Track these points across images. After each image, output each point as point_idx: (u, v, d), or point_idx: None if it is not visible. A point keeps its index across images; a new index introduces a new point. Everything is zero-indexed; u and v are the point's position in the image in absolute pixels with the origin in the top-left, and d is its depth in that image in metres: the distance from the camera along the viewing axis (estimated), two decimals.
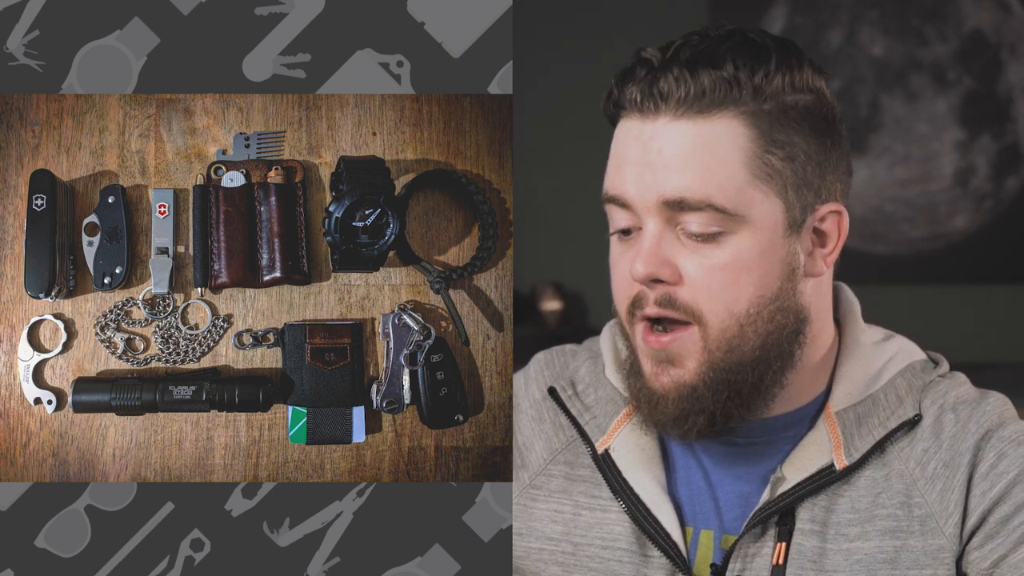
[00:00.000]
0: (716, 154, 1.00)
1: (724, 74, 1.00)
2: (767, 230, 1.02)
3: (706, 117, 1.01)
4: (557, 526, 1.12)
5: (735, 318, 1.02)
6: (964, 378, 1.13)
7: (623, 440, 1.13)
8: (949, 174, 3.24)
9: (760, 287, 1.02)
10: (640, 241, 1.03)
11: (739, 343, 1.03)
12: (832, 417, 1.08)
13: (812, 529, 1.06)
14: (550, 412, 1.18)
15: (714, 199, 1.00)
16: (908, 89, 3.23)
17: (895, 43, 3.22)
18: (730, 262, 1.01)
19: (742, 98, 1.01)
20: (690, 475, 1.11)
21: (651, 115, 1.02)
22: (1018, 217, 3.24)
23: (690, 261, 1.02)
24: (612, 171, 1.05)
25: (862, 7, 3.23)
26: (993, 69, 3.21)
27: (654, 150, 1.01)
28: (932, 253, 3.27)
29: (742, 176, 1.01)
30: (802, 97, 1.03)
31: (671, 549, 1.07)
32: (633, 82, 1.03)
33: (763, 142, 1.01)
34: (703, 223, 1.01)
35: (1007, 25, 3.20)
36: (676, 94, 1.01)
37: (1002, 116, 3.22)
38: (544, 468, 1.16)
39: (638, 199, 1.02)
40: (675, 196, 1.00)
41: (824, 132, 1.04)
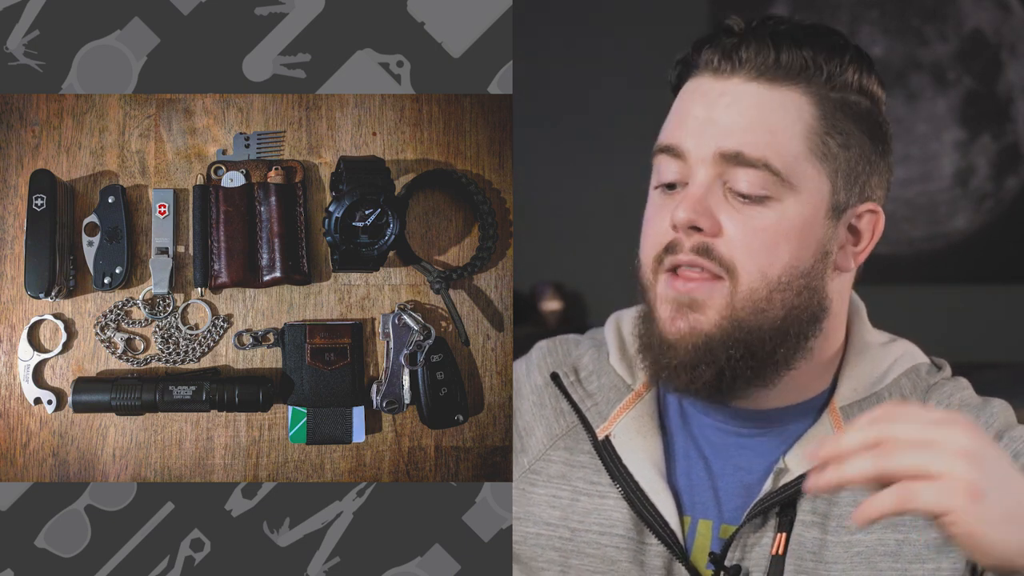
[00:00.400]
0: (781, 121, 1.03)
1: (804, 54, 1.04)
2: (812, 205, 1.04)
3: (778, 86, 1.04)
4: (555, 511, 1.13)
5: (767, 281, 1.03)
6: (966, 383, 1.14)
7: (624, 427, 1.13)
8: (949, 174, 3.24)
9: (795, 258, 1.04)
10: (685, 190, 1.05)
11: (765, 307, 1.04)
12: (837, 411, 1.09)
13: (813, 520, 1.06)
14: (551, 398, 1.18)
15: (771, 160, 1.02)
16: (908, 89, 3.23)
17: (895, 43, 3.22)
18: (772, 225, 1.03)
19: (814, 78, 1.04)
20: (690, 465, 1.11)
21: (725, 75, 1.05)
22: (1018, 217, 3.24)
23: (733, 219, 1.03)
24: (672, 123, 1.07)
25: (862, 7, 3.23)
26: (993, 69, 3.21)
27: (722, 105, 1.04)
28: (932, 253, 3.27)
29: (800, 148, 1.04)
30: (864, 100, 1.07)
31: (668, 537, 1.08)
32: (712, 46, 1.06)
33: (825, 123, 1.04)
34: (753, 183, 1.03)
35: (1007, 25, 3.20)
36: (755, 60, 1.04)
37: (1002, 116, 3.22)
38: (544, 453, 1.16)
39: (694, 149, 1.04)
40: (733, 149, 1.03)
41: (878, 137, 1.08)
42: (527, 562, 1.13)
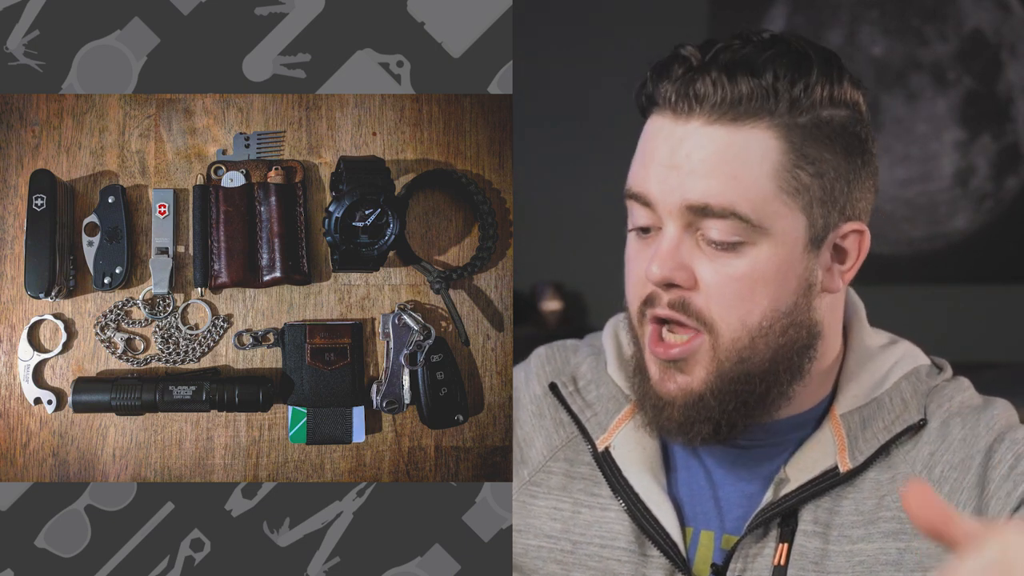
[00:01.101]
0: (745, 164, 0.99)
1: (763, 83, 0.99)
2: (788, 244, 1.01)
3: (739, 125, 0.99)
4: (556, 524, 1.12)
5: (747, 330, 1.01)
6: (968, 383, 1.13)
7: (624, 439, 1.12)
8: (949, 174, 3.24)
9: (775, 300, 1.01)
10: (658, 242, 1.02)
11: (749, 354, 1.02)
12: (837, 419, 1.08)
13: (815, 530, 1.05)
14: (551, 408, 1.17)
15: (738, 208, 0.99)
16: (908, 89, 3.23)
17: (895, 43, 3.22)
18: (747, 273, 1.00)
19: (778, 110, 0.99)
20: (691, 475, 1.11)
21: (684, 116, 1.00)
22: (1018, 217, 3.24)
23: (707, 268, 1.01)
24: (637, 167, 1.04)
25: (862, 7, 3.23)
26: (993, 69, 3.21)
27: (683, 153, 1.00)
28: (932, 253, 3.27)
29: (769, 188, 0.99)
30: (838, 112, 1.02)
31: (670, 549, 1.07)
32: (669, 79, 1.01)
33: (794, 156, 1.00)
34: (724, 231, 1.00)
35: (1007, 25, 3.20)
36: (712, 98, 0.99)
37: (1002, 116, 3.22)
38: (544, 465, 1.15)
39: (661, 200, 1.01)
40: (700, 201, 0.99)
41: (855, 150, 1.03)
42: (529, 574, 1.13)
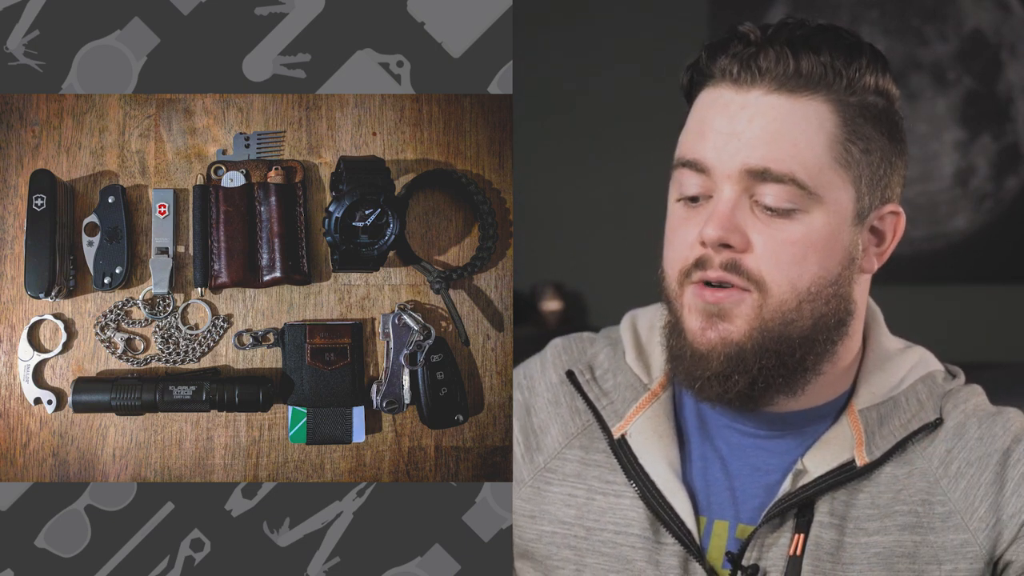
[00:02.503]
0: (804, 132, 1.03)
1: (823, 59, 1.04)
2: (838, 214, 1.05)
3: (799, 96, 1.04)
4: (570, 510, 1.13)
5: (796, 293, 1.04)
6: (980, 390, 1.16)
7: (640, 427, 1.13)
8: (949, 174, 3.24)
9: (823, 268, 1.04)
10: (713, 205, 1.04)
11: (795, 317, 1.04)
12: (855, 414, 1.10)
13: (831, 522, 1.07)
14: (567, 396, 1.18)
15: (797, 174, 1.03)
16: (908, 89, 3.23)
17: (895, 43, 3.22)
18: (800, 238, 1.03)
19: (834, 85, 1.04)
20: (707, 465, 1.12)
21: (745, 87, 1.04)
22: (1018, 217, 3.24)
23: (760, 233, 1.04)
24: (692, 136, 1.07)
25: (862, 7, 3.23)
26: (993, 69, 3.21)
27: (744, 119, 1.04)
28: (932, 253, 3.27)
29: (824, 158, 1.04)
30: (881, 101, 1.07)
31: (685, 537, 1.08)
32: (727, 54, 1.05)
33: (847, 130, 1.04)
34: (780, 197, 1.03)
35: (1007, 25, 3.20)
36: (774, 70, 1.04)
37: (1002, 116, 3.22)
38: (559, 452, 1.16)
39: (718, 165, 1.04)
40: (760, 165, 1.03)
41: (896, 137, 1.08)
42: (542, 560, 1.13)
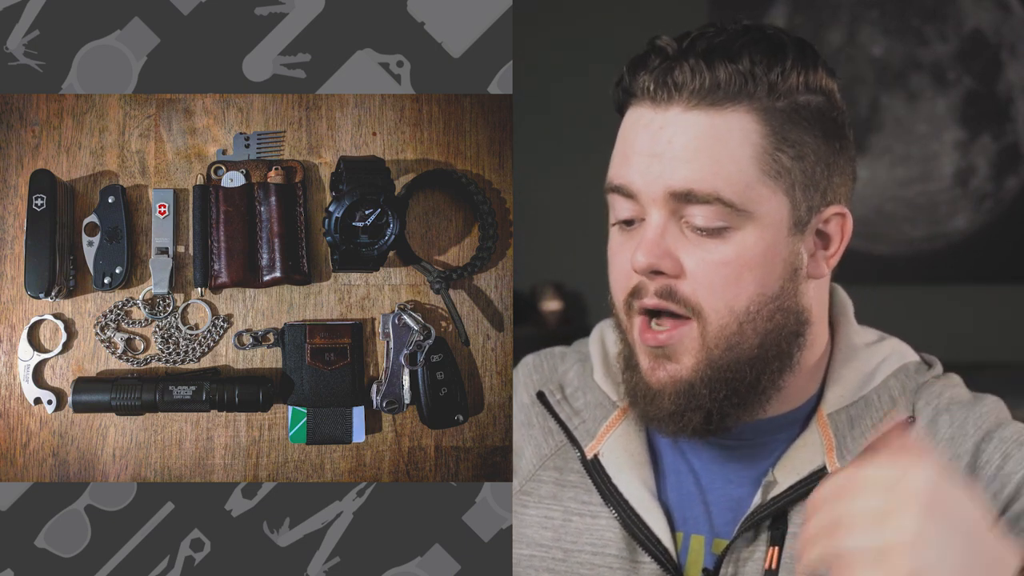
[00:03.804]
0: (727, 147, 0.99)
1: (740, 68, 0.99)
2: (772, 228, 1.01)
3: (719, 110, 0.99)
4: (547, 532, 1.12)
5: (735, 315, 1.01)
6: (958, 379, 1.13)
7: (612, 445, 1.11)
8: (949, 174, 3.24)
9: (762, 285, 1.01)
10: (643, 231, 1.02)
11: (738, 340, 1.01)
12: (824, 419, 1.07)
13: None
14: (539, 417, 1.17)
15: (722, 192, 0.99)
16: (908, 89, 3.23)
17: (895, 43, 3.22)
18: (733, 258, 1.00)
19: (756, 93, 0.99)
20: (680, 479, 1.10)
21: (663, 104, 1.01)
22: (1018, 217, 3.24)
23: (692, 255, 1.01)
24: (618, 160, 1.04)
25: (862, 7, 3.23)
26: (993, 69, 3.21)
27: (664, 140, 1.00)
28: (932, 253, 3.27)
29: (751, 171, 1.00)
30: (814, 98, 1.02)
31: (661, 555, 1.06)
32: (646, 70, 1.02)
33: (774, 139, 1.00)
34: (709, 217, 0.99)
35: (1007, 25, 3.20)
36: (691, 85, 0.99)
37: (1002, 116, 3.22)
38: (534, 474, 1.15)
39: (644, 189, 1.01)
40: (683, 187, 0.99)
41: (833, 135, 1.03)
42: None
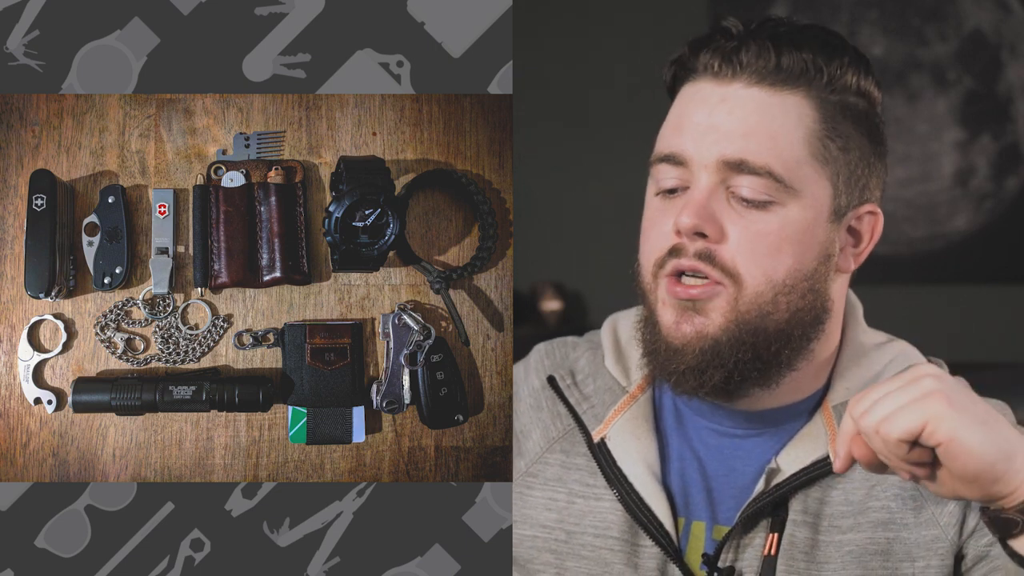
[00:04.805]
0: (783, 125, 1.04)
1: (804, 56, 1.04)
2: (814, 209, 1.05)
3: (778, 90, 1.04)
4: (551, 514, 1.13)
5: (771, 285, 1.04)
6: (965, 383, 1.13)
7: (620, 430, 1.13)
8: (949, 174, 3.24)
9: (798, 261, 1.04)
10: (688, 195, 1.05)
11: (770, 310, 1.04)
12: (829, 411, 1.10)
13: (805, 520, 1.06)
14: (548, 401, 1.18)
15: (773, 166, 1.03)
16: (908, 89, 3.23)
17: (895, 43, 3.22)
18: (776, 230, 1.03)
19: (814, 82, 1.04)
20: (684, 466, 1.12)
21: (726, 80, 1.05)
22: (1018, 217, 3.24)
23: (736, 223, 1.04)
24: (670, 130, 1.07)
25: (862, 7, 3.23)
26: (993, 69, 3.21)
27: (723, 111, 1.04)
28: (932, 253, 3.27)
29: (802, 152, 1.04)
30: (862, 101, 1.07)
31: (663, 539, 1.08)
32: (710, 49, 1.06)
33: (826, 127, 1.05)
34: (756, 188, 1.03)
35: (1007, 25, 3.20)
36: (755, 64, 1.04)
37: (1002, 116, 3.22)
38: (540, 456, 1.16)
39: (696, 156, 1.04)
40: (737, 157, 1.03)
41: (875, 139, 1.09)
42: (524, 564, 1.14)
